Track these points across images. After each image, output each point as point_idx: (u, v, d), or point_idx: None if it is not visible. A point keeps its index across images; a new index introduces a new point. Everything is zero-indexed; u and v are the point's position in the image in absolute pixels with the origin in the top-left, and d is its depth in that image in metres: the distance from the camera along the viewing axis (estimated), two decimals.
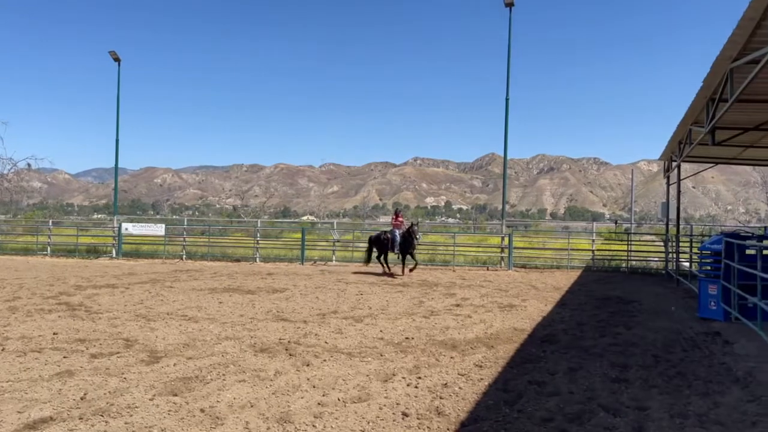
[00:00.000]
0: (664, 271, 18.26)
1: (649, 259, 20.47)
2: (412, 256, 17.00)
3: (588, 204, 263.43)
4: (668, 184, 18.33)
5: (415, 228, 16.84)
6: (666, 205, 18.96)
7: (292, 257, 22.00)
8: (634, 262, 20.02)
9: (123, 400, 5.29)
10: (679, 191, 16.16)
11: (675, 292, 14.01)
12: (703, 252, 11.27)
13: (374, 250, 17.44)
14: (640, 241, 23.84)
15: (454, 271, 18.96)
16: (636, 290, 14.22)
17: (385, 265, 17.22)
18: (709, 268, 11.02)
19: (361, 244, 23.70)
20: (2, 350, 7.14)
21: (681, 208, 16.77)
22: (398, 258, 17.42)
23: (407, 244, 16.69)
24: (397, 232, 17.06)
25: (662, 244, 19.84)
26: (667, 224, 18.98)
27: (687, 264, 16.90)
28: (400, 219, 18.00)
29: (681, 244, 17.05)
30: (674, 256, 17.23)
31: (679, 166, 15.68)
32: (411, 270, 17.06)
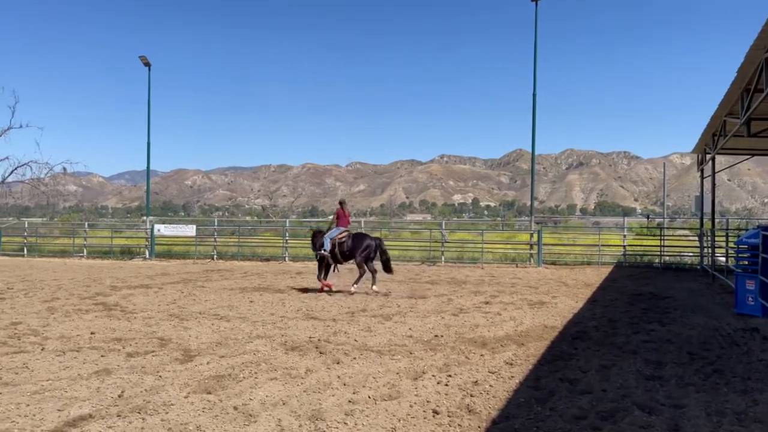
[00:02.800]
0: (699, 267, 17.87)
1: (683, 254, 20.07)
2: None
3: (619, 199, 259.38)
4: (702, 178, 17.93)
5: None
6: (700, 199, 18.56)
7: None
8: (667, 258, 19.66)
9: (159, 398, 5.40)
10: (713, 184, 15.80)
11: (711, 287, 13.71)
12: (740, 246, 11.00)
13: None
14: (673, 236, 23.39)
15: (482, 268, 18.86)
16: (670, 286, 13.95)
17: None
18: (746, 262, 10.74)
19: (389, 243, 23.74)
20: (42, 350, 7.35)
21: (716, 202, 16.38)
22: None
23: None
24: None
25: (697, 238, 19.42)
26: (701, 218, 18.58)
27: (723, 259, 16.51)
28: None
29: (716, 238, 16.65)
30: (709, 251, 16.85)
31: (713, 159, 15.33)
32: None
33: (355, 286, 12.70)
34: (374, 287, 12.64)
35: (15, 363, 6.65)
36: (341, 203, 13.84)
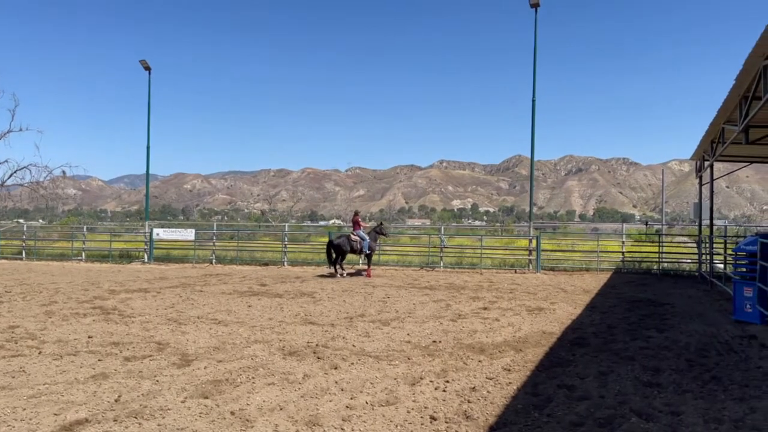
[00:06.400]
0: (697, 273, 17.87)
1: (681, 261, 20.05)
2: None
3: (618, 205, 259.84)
4: (701, 184, 17.96)
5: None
6: (699, 206, 18.59)
7: (319, 261, 22.11)
8: (665, 264, 19.64)
9: (156, 403, 5.39)
10: (712, 191, 15.82)
11: (709, 294, 13.70)
12: (738, 253, 11.00)
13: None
14: (672, 242, 23.42)
15: (481, 274, 18.85)
16: (668, 293, 13.95)
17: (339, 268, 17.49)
18: (744, 269, 10.75)
19: (387, 248, 23.76)
20: (39, 353, 7.34)
21: (714, 209, 16.39)
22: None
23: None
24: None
25: (695, 245, 19.42)
26: (699, 225, 18.60)
27: (721, 266, 16.53)
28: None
29: (715, 245, 16.65)
30: (708, 257, 16.85)
31: (711, 166, 15.35)
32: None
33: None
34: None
35: (12, 367, 6.64)
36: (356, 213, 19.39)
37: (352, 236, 17.62)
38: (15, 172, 34.08)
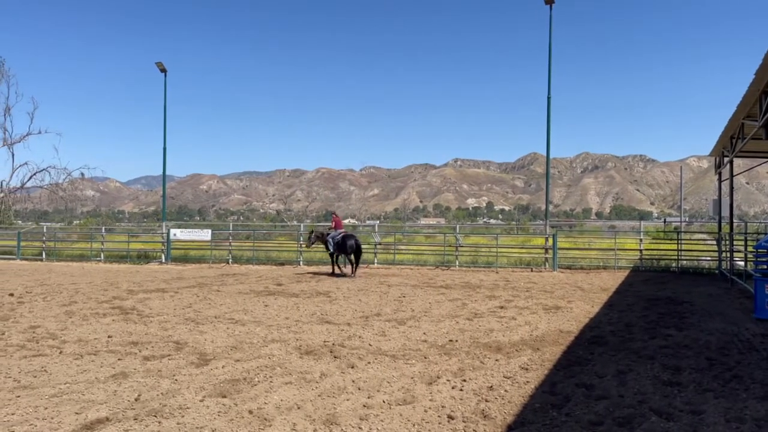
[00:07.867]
0: (717, 271, 17.64)
1: (700, 258, 19.81)
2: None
3: (635, 203, 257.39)
4: (720, 181, 17.72)
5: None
6: (718, 203, 18.34)
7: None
8: (684, 262, 19.41)
9: (175, 401, 5.44)
10: (731, 188, 15.60)
11: (729, 292, 13.52)
12: (759, 250, 10.84)
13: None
14: (690, 240, 23.13)
15: (497, 272, 18.77)
16: (687, 291, 13.78)
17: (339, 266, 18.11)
18: (765, 267, 10.58)
19: (402, 247, 23.76)
20: (60, 353, 7.43)
21: (734, 205, 16.15)
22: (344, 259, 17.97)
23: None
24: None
25: (714, 242, 19.17)
26: (719, 222, 18.35)
27: (741, 263, 16.28)
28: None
29: (735, 242, 16.41)
30: (728, 255, 16.62)
31: (731, 162, 15.14)
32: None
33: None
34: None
35: (33, 366, 6.74)
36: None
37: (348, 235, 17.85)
38: (34, 174, 34.62)
